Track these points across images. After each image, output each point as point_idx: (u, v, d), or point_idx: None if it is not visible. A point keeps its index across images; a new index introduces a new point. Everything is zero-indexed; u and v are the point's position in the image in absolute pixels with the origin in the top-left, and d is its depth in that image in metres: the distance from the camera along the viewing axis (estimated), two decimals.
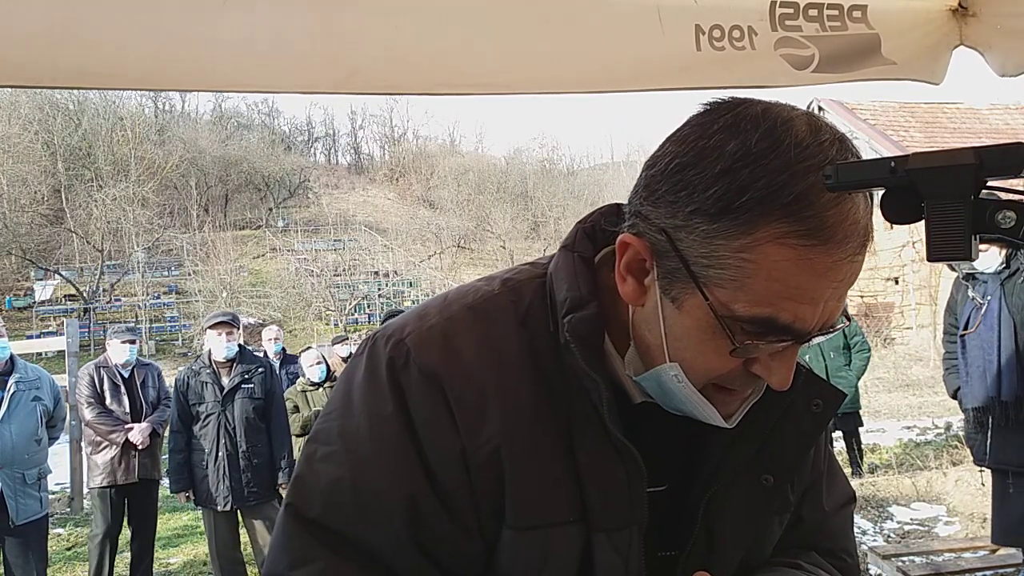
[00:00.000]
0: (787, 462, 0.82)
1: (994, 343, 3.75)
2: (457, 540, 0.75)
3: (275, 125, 47.71)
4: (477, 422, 0.74)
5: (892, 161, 0.82)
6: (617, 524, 0.76)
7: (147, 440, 5.12)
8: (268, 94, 47.38)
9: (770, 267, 0.64)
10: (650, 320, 0.74)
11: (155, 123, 38.69)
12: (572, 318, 0.75)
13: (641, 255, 0.73)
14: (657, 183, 0.71)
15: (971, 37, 2.00)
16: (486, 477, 0.74)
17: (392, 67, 1.73)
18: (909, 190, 0.82)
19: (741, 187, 0.64)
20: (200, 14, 1.59)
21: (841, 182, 0.87)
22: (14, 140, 27.83)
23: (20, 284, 28.36)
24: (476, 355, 0.76)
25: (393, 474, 0.74)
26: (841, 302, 0.69)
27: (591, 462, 0.76)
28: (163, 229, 31.16)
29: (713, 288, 0.67)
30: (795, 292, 0.65)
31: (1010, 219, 0.79)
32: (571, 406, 0.76)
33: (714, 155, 0.66)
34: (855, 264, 0.67)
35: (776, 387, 0.72)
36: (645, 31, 1.80)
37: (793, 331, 0.67)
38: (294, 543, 0.76)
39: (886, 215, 0.86)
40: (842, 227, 0.65)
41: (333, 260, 31.39)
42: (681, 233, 0.68)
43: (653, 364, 0.74)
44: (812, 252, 0.64)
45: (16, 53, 1.49)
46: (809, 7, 1.92)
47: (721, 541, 0.82)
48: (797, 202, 0.63)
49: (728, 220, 0.65)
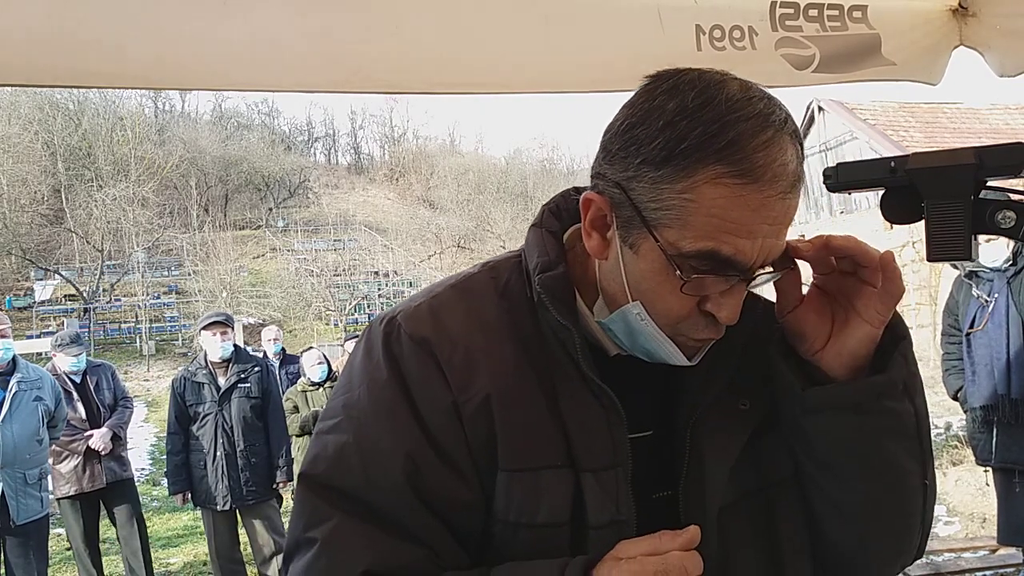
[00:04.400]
0: (759, 387, 0.88)
1: (1003, 340, 3.73)
2: (456, 490, 0.81)
3: (275, 125, 47.73)
4: (466, 378, 0.82)
5: (892, 161, 0.83)
6: (603, 465, 0.82)
7: (108, 445, 4.94)
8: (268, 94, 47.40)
9: (709, 204, 0.73)
10: (613, 270, 0.82)
11: (155, 123, 38.70)
12: (543, 276, 0.85)
13: (602, 210, 0.81)
14: (611, 143, 0.80)
15: (971, 37, 2.00)
16: (478, 426, 0.81)
17: (392, 67, 1.73)
18: (909, 190, 0.82)
19: (680, 137, 0.73)
20: (200, 13, 1.59)
21: (841, 182, 0.87)
22: (14, 140, 27.82)
23: (20, 284, 28.35)
24: (461, 323, 0.85)
25: (392, 433, 0.81)
26: (779, 240, 0.77)
27: (573, 409, 0.83)
28: (163, 229, 31.16)
29: (662, 229, 0.76)
30: (733, 227, 0.73)
31: (1010, 219, 0.79)
32: (551, 361, 0.84)
33: (657, 113, 0.75)
34: (787, 203, 0.76)
35: (724, 321, 0.79)
36: (645, 31, 1.80)
37: (735, 263, 0.75)
38: (308, 508, 0.82)
39: (886, 215, 0.86)
40: (771, 168, 0.73)
41: (333, 260, 31.39)
42: (633, 183, 0.77)
43: (617, 307, 0.83)
44: (744, 190, 0.72)
45: (16, 52, 1.49)
46: (809, 7, 1.92)
47: (712, 474, 0.85)
48: (729, 147, 0.72)
49: (671, 167, 0.74)
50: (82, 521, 4.98)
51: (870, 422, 0.80)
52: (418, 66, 1.75)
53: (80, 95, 31.43)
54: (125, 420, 5.21)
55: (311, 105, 51.16)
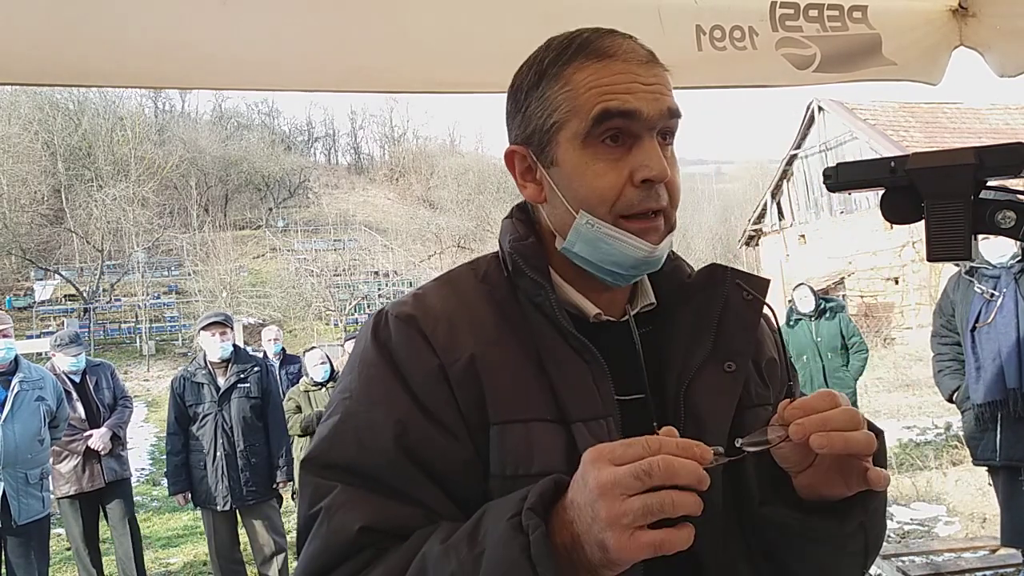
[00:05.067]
0: (739, 347, 0.93)
1: (1012, 335, 3.72)
2: (449, 449, 0.84)
3: (275, 125, 47.75)
4: (450, 344, 0.87)
5: (892, 161, 0.83)
6: (591, 415, 0.86)
7: (108, 445, 4.93)
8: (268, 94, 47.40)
9: (583, 83, 0.87)
10: (554, 201, 0.91)
11: (155, 123, 38.71)
12: (515, 244, 0.94)
13: (520, 153, 0.93)
14: (508, 106, 0.95)
15: (971, 37, 2.00)
16: (466, 385, 0.85)
17: (392, 66, 1.73)
18: (909, 190, 0.82)
19: (542, 60, 0.91)
20: (201, 12, 1.59)
21: (841, 182, 0.87)
22: (14, 140, 27.83)
23: (20, 284, 28.35)
24: (444, 302, 0.92)
25: (382, 403, 0.85)
26: (664, 98, 0.87)
27: (557, 368, 0.87)
28: (163, 229, 31.17)
29: (563, 127, 0.88)
30: (610, 87, 0.86)
31: (1010, 219, 0.79)
32: (532, 330, 0.90)
33: (529, 60, 0.94)
34: (652, 70, 0.88)
35: (657, 175, 0.85)
36: (646, 31, 1.79)
37: (628, 112, 0.85)
38: (310, 489, 0.85)
39: (886, 215, 0.86)
40: (621, 47, 0.88)
41: (333, 260, 31.40)
42: (528, 111, 0.91)
43: (570, 226, 0.90)
44: (603, 63, 0.87)
45: (17, 51, 1.49)
46: (809, 8, 1.92)
47: (711, 432, 0.87)
48: (581, 47, 0.89)
49: (545, 80, 0.90)
50: (81, 521, 4.97)
51: (818, 547, 0.85)
52: (418, 66, 1.75)
53: (80, 95, 31.45)
54: (125, 420, 5.20)
55: (311, 105, 51.22)
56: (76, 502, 4.94)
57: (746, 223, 25.22)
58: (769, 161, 34.48)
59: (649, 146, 0.86)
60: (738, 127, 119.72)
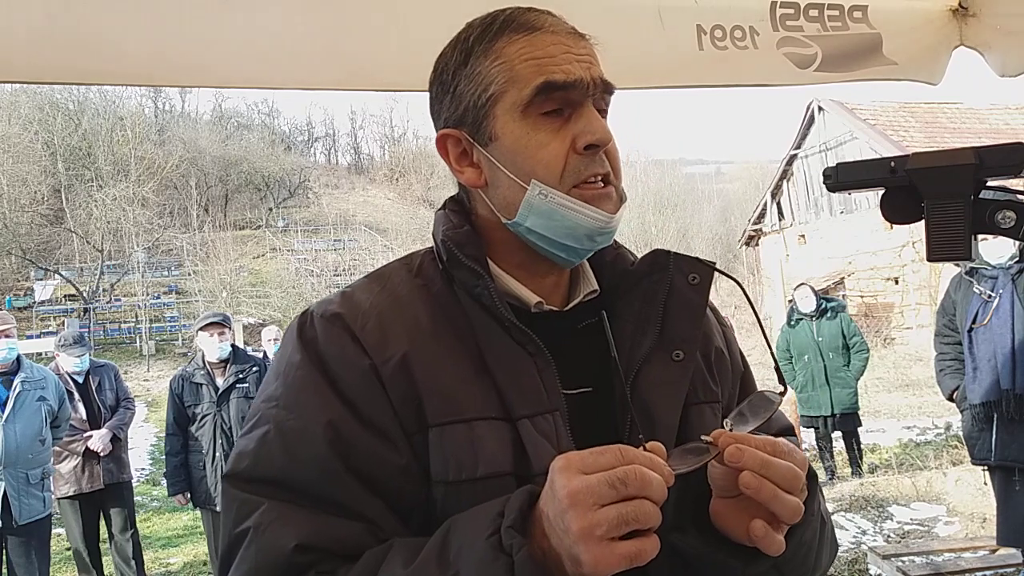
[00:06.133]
0: (686, 334, 0.90)
1: (1007, 336, 3.73)
2: (385, 454, 0.78)
3: (275, 125, 47.75)
4: (381, 342, 0.82)
5: (892, 161, 0.83)
6: (537, 410, 0.81)
7: (108, 446, 4.93)
8: (268, 93, 47.40)
9: (517, 56, 0.84)
10: (497, 180, 0.87)
11: (155, 123, 38.72)
12: (448, 234, 0.88)
13: (454, 136, 0.89)
14: (432, 91, 0.92)
15: (971, 37, 2.00)
16: (399, 385, 0.80)
17: (392, 65, 1.73)
18: (909, 190, 0.82)
19: (467, 38, 0.89)
20: (200, 10, 1.59)
21: (841, 182, 0.87)
22: (14, 140, 27.83)
23: (20, 284, 28.35)
24: (373, 299, 0.86)
25: (310, 408, 0.79)
26: (595, 68, 0.86)
27: (499, 361, 0.82)
28: (163, 229, 31.17)
29: (500, 99, 0.84)
30: (545, 59, 0.84)
31: (1010, 219, 0.79)
32: (470, 322, 0.85)
33: (452, 42, 0.91)
34: (580, 42, 0.87)
35: (601, 139, 0.83)
36: (646, 31, 1.80)
37: (568, 84, 0.83)
38: (233, 506, 0.78)
39: (886, 215, 0.86)
40: (546, 22, 0.87)
41: (333, 260, 31.40)
42: (458, 90, 0.87)
43: (520, 202, 0.85)
44: (533, 35, 0.85)
45: (16, 49, 1.49)
46: (809, 7, 1.92)
47: (663, 425, 0.85)
48: (507, 22, 0.87)
49: (474, 57, 0.87)
50: (81, 521, 4.97)
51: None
52: (418, 65, 1.75)
53: (80, 95, 31.46)
54: (126, 421, 5.19)
55: (311, 105, 51.29)
56: (76, 502, 4.94)
57: (746, 223, 25.22)
58: (769, 161, 34.51)
59: (589, 112, 0.84)
60: (738, 127, 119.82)
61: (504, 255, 0.90)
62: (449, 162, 0.90)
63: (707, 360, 0.95)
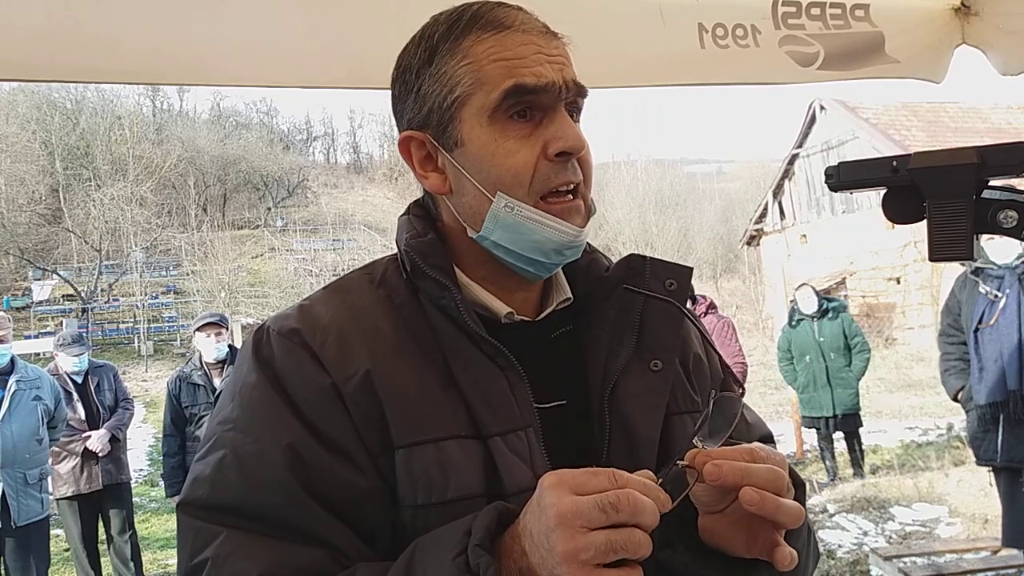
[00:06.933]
0: (665, 343, 0.87)
1: (1014, 335, 3.73)
2: (348, 477, 0.75)
3: (273, 124, 47.79)
4: (341, 358, 0.77)
5: (894, 160, 0.82)
6: (509, 427, 0.77)
7: (107, 447, 4.91)
8: (266, 92, 47.40)
9: (485, 56, 0.80)
10: (462, 188, 0.82)
11: (153, 122, 38.75)
12: (411, 243, 0.84)
13: (417, 139, 0.84)
14: (395, 90, 0.87)
15: (973, 36, 1.99)
16: (362, 404, 0.76)
17: (392, 63, 1.72)
18: (911, 189, 0.81)
19: (431, 35, 0.83)
20: (198, 8, 1.58)
21: (842, 181, 0.86)
22: (12, 139, 27.83)
23: (18, 284, 28.38)
24: (333, 312, 0.82)
25: (268, 431, 0.75)
26: (568, 69, 0.82)
27: (469, 376, 0.78)
28: (161, 229, 31.18)
29: (467, 102, 0.80)
30: (517, 61, 0.79)
31: (1012, 219, 0.78)
32: (437, 336, 0.81)
33: (415, 38, 0.86)
34: (552, 42, 0.82)
35: (573, 146, 0.79)
36: (647, 30, 1.79)
37: (539, 88, 0.79)
38: (191, 535, 0.75)
39: (887, 215, 0.85)
40: (516, 20, 0.81)
41: (332, 260, 31.39)
42: (422, 91, 0.83)
43: (485, 213, 0.81)
44: (501, 34, 0.80)
45: (14, 47, 1.48)
46: (811, 6, 1.91)
47: (643, 438, 0.82)
48: (474, 19, 0.81)
49: (439, 56, 0.82)
50: (80, 522, 4.96)
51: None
52: None
53: (78, 94, 31.46)
54: (125, 422, 5.17)
55: (310, 104, 51.47)
56: (75, 503, 4.93)
57: (747, 223, 25.25)
58: (771, 160, 34.51)
59: (561, 117, 0.80)
60: (739, 126, 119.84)
61: (472, 264, 0.85)
62: (413, 166, 0.86)
63: (685, 368, 0.91)
